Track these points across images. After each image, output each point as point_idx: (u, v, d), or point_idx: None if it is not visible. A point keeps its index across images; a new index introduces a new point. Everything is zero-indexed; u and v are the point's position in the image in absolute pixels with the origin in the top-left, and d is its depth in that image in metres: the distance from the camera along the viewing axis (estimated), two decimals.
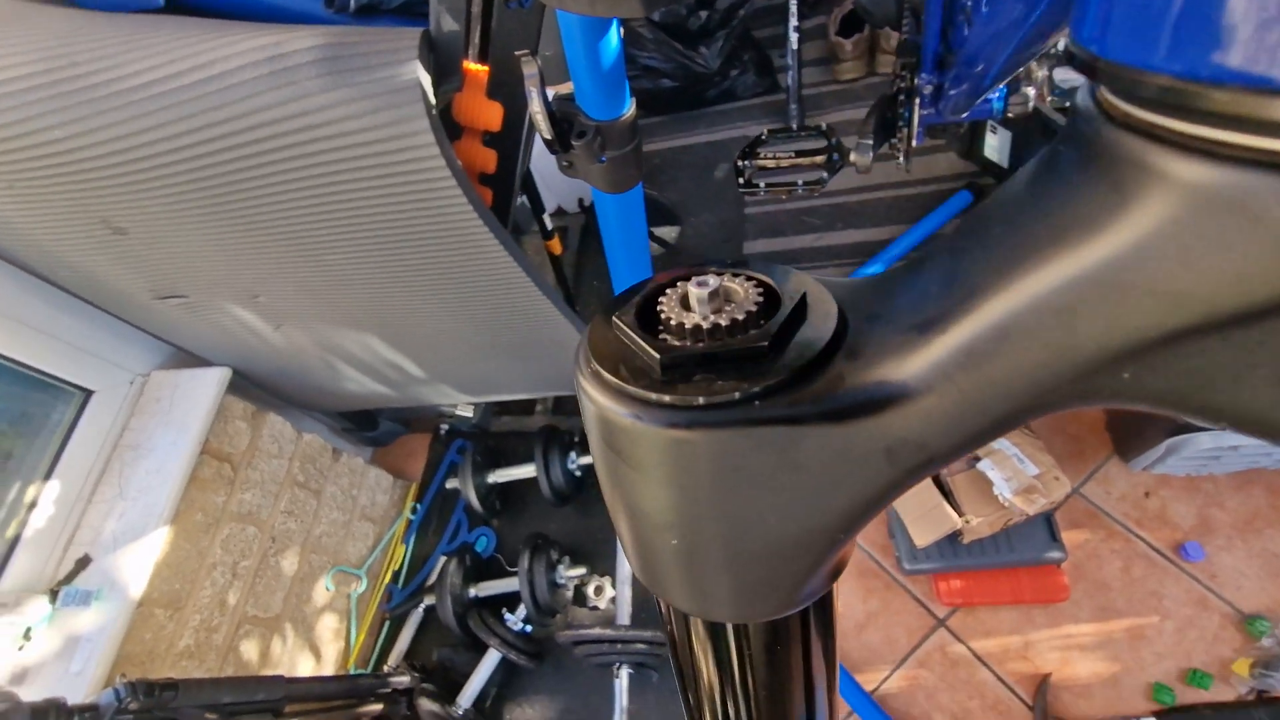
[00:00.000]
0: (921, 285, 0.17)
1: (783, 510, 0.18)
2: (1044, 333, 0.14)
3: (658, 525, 0.19)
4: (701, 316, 0.18)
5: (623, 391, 0.17)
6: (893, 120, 0.86)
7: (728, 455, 0.17)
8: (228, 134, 0.73)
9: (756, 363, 0.17)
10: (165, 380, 1.33)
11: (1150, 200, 0.12)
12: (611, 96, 0.66)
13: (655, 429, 0.17)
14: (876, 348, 0.17)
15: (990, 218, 0.16)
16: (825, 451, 0.16)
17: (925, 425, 0.16)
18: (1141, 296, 0.12)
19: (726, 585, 0.20)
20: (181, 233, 0.89)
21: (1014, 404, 0.15)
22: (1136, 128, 0.12)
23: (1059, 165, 0.15)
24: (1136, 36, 0.12)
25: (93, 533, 1.20)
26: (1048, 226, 0.14)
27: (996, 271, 0.15)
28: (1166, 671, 1.14)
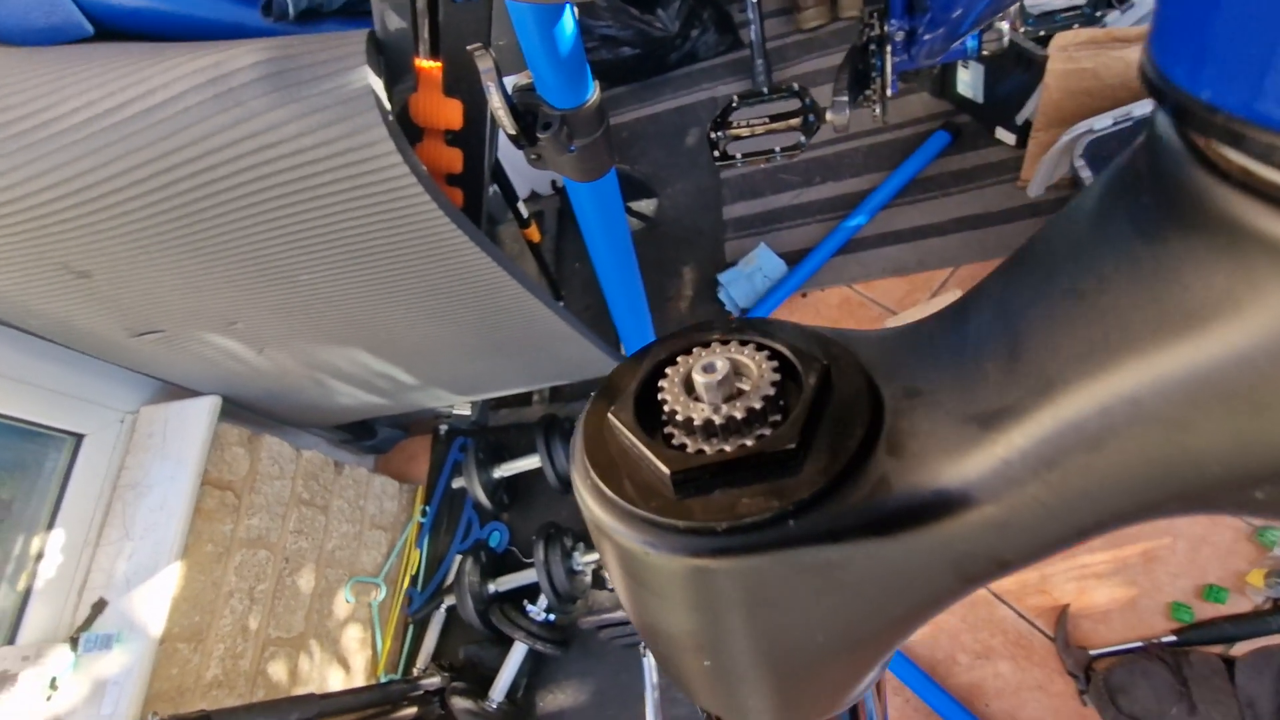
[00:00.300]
0: (972, 357, 0.14)
1: (831, 628, 0.15)
2: (1147, 447, 0.11)
3: (687, 647, 0.17)
4: (711, 407, 0.15)
5: (632, 514, 0.15)
6: (865, 71, 0.84)
7: (762, 581, 0.14)
8: (178, 164, 0.70)
9: (783, 466, 0.14)
10: (155, 415, 1.30)
11: None
12: (573, 83, 0.63)
13: (672, 557, 0.14)
14: (925, 441, 0.14)
15: (1050, 275, 0.13)
16: (879, 568, 0.14)
17: (997, 537, 0.13)
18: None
19: (769, 701, 0.18)
20: (147, 269, 0.86)
21: (1107, 515, 0.12)
22: (1264, 192, 0.09)
23: (1145, 225, 0.11)
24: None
25: (105, 576, 1.19)
26: (1142, 311, 0.11)
27: (1079, 360, 0.12)
28: (1183, 590, 1.15)
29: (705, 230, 1.85)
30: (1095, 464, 0.12)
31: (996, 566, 0.14)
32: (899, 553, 0.14)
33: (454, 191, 0.85)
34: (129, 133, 0.69)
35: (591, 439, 0.17)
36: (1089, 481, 0.12)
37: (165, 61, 0.68)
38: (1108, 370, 0.11)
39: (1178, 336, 0.10)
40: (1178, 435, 0.11)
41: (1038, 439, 0.12)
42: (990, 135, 1.63)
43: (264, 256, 0.83)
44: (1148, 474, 0.11)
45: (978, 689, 1.20)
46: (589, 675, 1.50)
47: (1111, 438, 0.11)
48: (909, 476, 0.14)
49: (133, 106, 0.68)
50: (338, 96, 0.65)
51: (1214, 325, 0.10)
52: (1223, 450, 0.11)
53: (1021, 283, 0.14)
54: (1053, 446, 0.12)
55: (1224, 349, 0.10)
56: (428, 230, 0.78)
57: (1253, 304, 0.10)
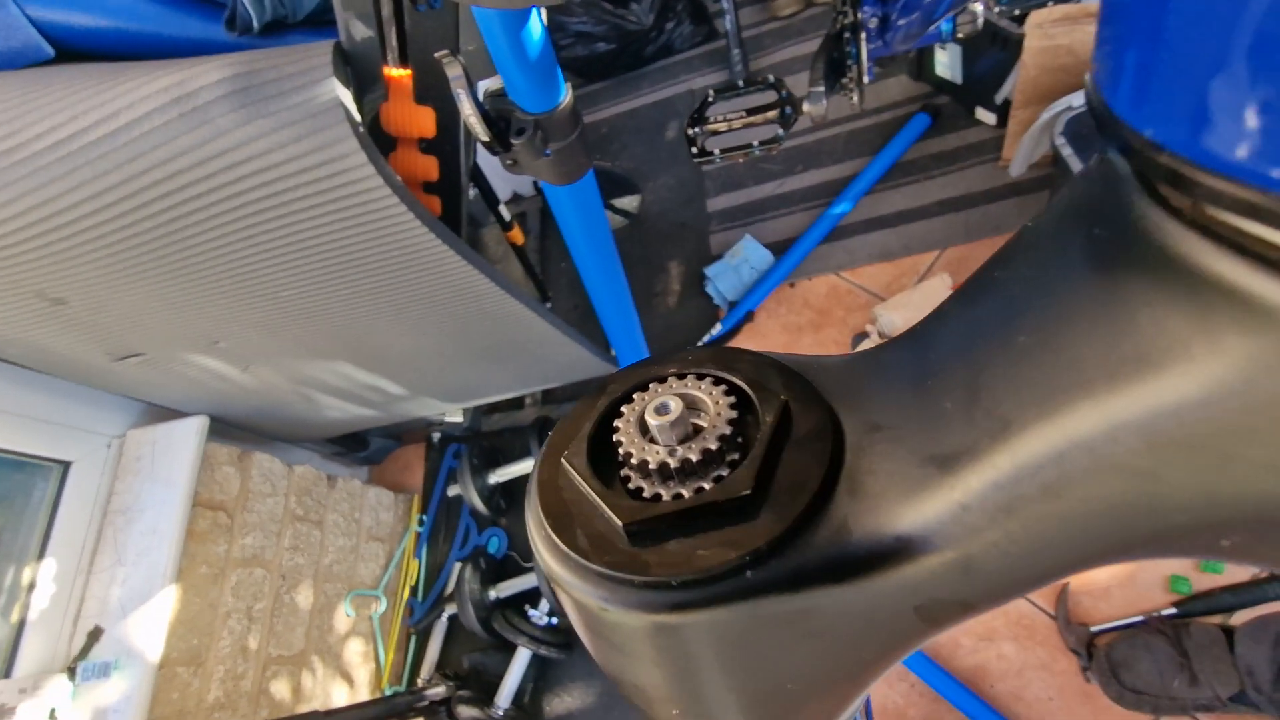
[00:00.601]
0: (933, 393, 0.13)
1: (800, 675, 0.15)
2: (1109, 494, 0.11)
3: (654, 699, 0.16)
4: (666, 449, 0.15)
5: (586, 569, 0.14)
6: (840, 60, 0.83)
7: (722, 636, 0.14)
8: (147, 186, 0.68)
9: (741, 513, 0.14)
10: (142, 439, 1.29)
11: (1253, 341, 0.08)
12: (545, 87, 0.62)
13: (629, 613, 0.14)
14: (886, 481, 0.13)
15: (1013, 313, 0.12)
16: (842, 615, 0.13)
17: (959, 582, 0.13)
18: (1253, 470, 0.09)
19: None
20: (123, 293, 0.85)
21: (1070, 561, 0.12)
22: (1218, 234, 0.09)
23: (1101, 262, 0.11)
24: (1249, 140, 0.08)
25: (99, 604, 1.18)
26: (1097, 355, 0.10)
27: (1036, 404, 0.11)
28: (1181, 562, 1.16)
29: (690, 224, 1.84)
30: (1055, 511, 0.11)
31: (961, 609, 0.14)
32: (861, 599, 0.13)
33: (431, 200, 0.84)
34: (95, 156, 0.67)
35: (545, 486, 0.16)
36: (1049, 529, 0.12)
37: (128, 82, 0.67)
38: (1062, 414, 0.11)
39: (1131, 382, 0.10)
40: (1141, 484, 0.10)
41: (994, 484, 0.12)
42: (970, 116, 1.63)
43: (243, 275, 0.82)
44: (1110, 523, 0.11)
45: (982, 671, 1.21)
46: (595, 677, 1.50)
47: (1070, 485, 0.11)
48: (869, 520, 0.13)
49: (97, 130, 0.66)
50: (306, 110, 0.64)
51: (1169, 372, 0.09)
52: (1188, 500, 0.10)
53: (981, 315, 0.13)
54: (1009, 493, 0.12)
55: (1179, 397, 0.09)
56: (407, 240, 0.77)
57: (1209, 352, 0.09)
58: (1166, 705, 1.03)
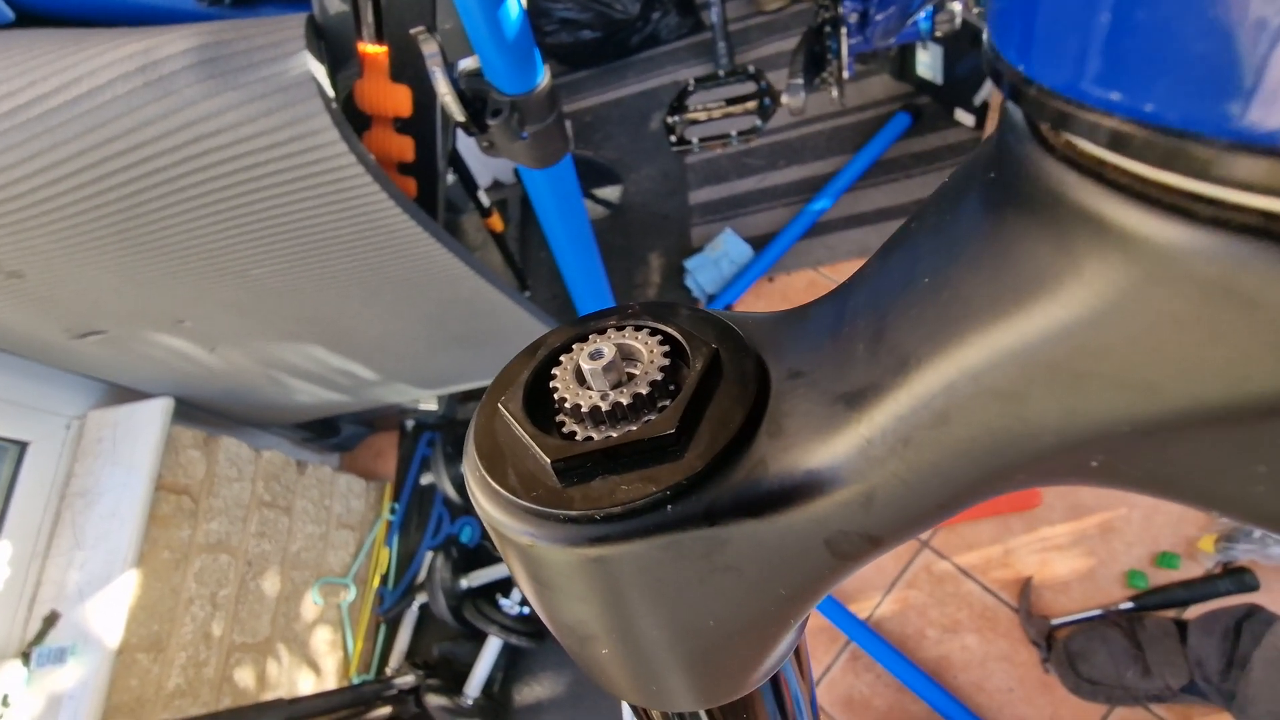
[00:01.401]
0: (846, 337, 0.14)
1: (722, 611, 0.16)
2: (989, 418, 0.11)
3: (582, 637, 0.17)
4: (599, 395, 0.15)
5: (514, 504, 0.15)
6: (821, 53, 0.83)
7: (646, 567, 0.14)
8: (109, 156, 0.66)
9: (665, 451, 0.14)
10: (104, 420, 1.26)
11: (1109, 268, 0.09)
12: (522, 68, 0.61)
13: (555, 548, 0.14)
14: (801, 422, 0.14)
15: (914, 256, 0.13)
16: (758, 549, 0.14)
17: (864, 515, 0.13)
18: (1105, 385, 0.10)
19: (675, 684, 0.18)
20: (83, 268, 0.82)
21: (963, 489, 0.13)
22: (1085, 166, 0.10)
23: (990, 200, 0.12)
24: (1091, 64, 0.09)
25: (56, 588, 1.15)
26: (983, 286, 0.11)
27: (930, 338, 0.12)
28: (1138, 558, 1.19)
29: (671, 216, 1.84)
30: (943, 438, 0.12)
31: (868, 544, 0.14)
32: (774, 533, 0.14)
33: (406, 181, 0.82)
34: (54, 124, 0.65)
35: (481, 431, 0.17)
36: (940, 456, 0.12)
37: (92, 49, 0.64)
38: (952, 347, 0.12)
39: (1009, 312, 0.11)
40: (1013, 407, 0.11)
41: (895, 416, 0.13)
42: (950, 117, 1.64)
43: (209, 251, 0.80)
44: (991, 446, 0.12)
45: (946, 662, 1.23)
46: (565, 666, 1.50)
47: (956, 412, 0.12)
48: (784, 458, 0.14)
49: (58, 96, 0.64)
50: (277, 84, 0.63)
51: (1039, 299, 0.10)
52: (1053, 420, 0.11)
53: (891, 264, 0.14)
54: (907, 424, 0.12)
55: (1046, 321, 0.10)
56: (380, 221, 0.75)
57: (1071, 276, 0.10)
58: (1120, 695, 1.06)
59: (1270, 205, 0.08)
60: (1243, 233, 0.08)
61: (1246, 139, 0.07)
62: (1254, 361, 0.09)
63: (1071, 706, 1.13)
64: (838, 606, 1.29)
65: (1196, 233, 0.08)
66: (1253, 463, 0.10)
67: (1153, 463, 0.11)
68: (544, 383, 0.17)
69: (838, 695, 1.26)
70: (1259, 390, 0.09)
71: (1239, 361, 0.09)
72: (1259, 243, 0.08)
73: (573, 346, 0.17)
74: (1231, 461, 0.10)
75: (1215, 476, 0.11)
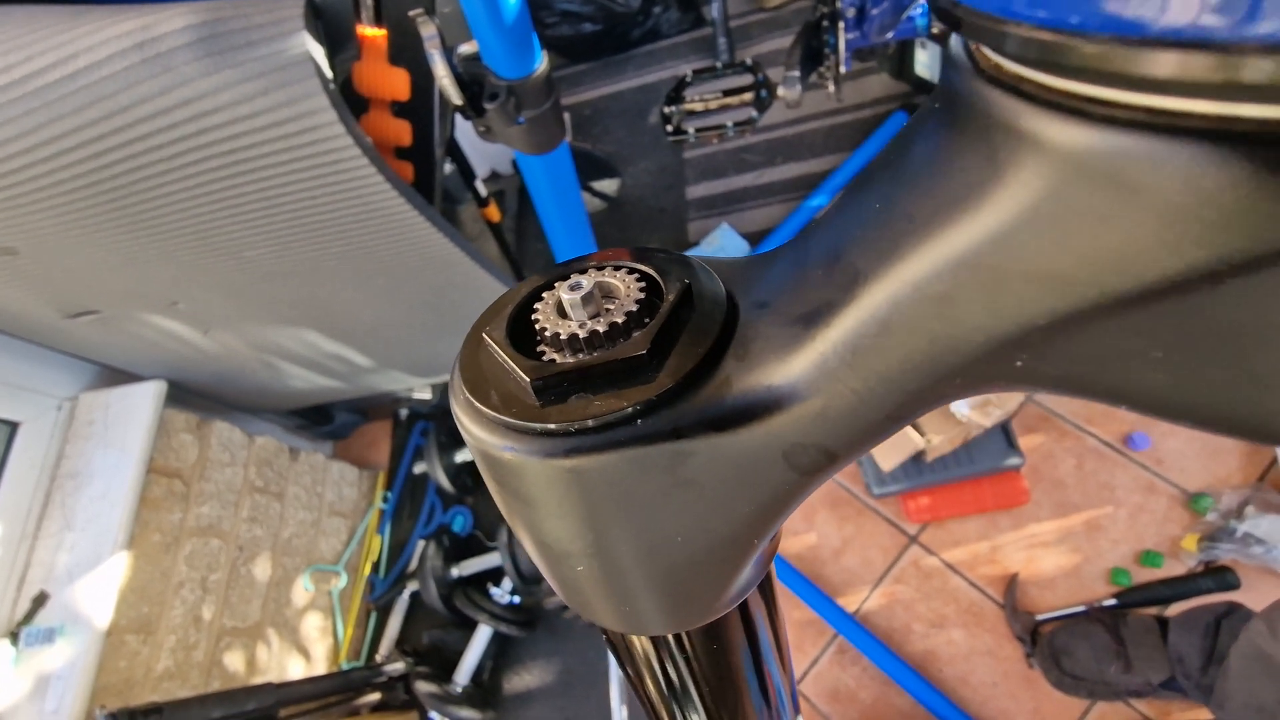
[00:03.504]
0: (808, 264, 0.15)
1: (688, 527, 0.17)
2: (927, 323, 0.12)
3: (560, 555, 0.18)
4: (578, 324, 0.16)
5: (495, 421, 0.16)
6: (818, 48, 0.84)
7: (617, 480, 0.15)
8: (105, 134, 0.66)
9: (638, 372, 0.15)
10: (96, 401, 1.25)
11: (1023, 171, 0.10)
12: (520, 52, 0.61)
13: (532, 460, 0.15)
14: (764, 344, 0.15)
15: (870, 185, 0.14)
16: (719, 464, 0.15)
17: (820, 427, 0.15)
18: (1021, 281, 0.11)
19: (648, 604, 0.19)
20: (77, 246, 0.82)
21: (908, 399, 0.14)
22: (1006, 83, 0.11)
23: (932, 126, 0.13)
24: None
25: (45, 569, 1.15)
26: (923, 202, 0.12)
27: (876, 255, 0.13)
28: (1122, 556, 1.21)
29: (668, 210, 1.84)
30: (888, 346, 0.13)
31: (824, 457, 0.15)
32: (735, 447, 0.15)
33: (403, 166, 0.83)
34: (51, 99, 0.65)
35: (466, 359, 0.18)
36: (886, 364, 0.13)
37: (89, 24, 0.64)
38: (896, 260, 0.13)
39: (943, 223, 0.12)
40: (946, 310, 0.12)
41: (845, 330, 0.14)
42: None
43: (204, 232, 0.80)
44: (929, 351, 0.13)
45: (932, 656, 1.24)
46: (555, 655, 1.50)
47: (898, 320, 0.13)
48: (748, 378, 0.15)
49: (54, 72, 0.64)
50: (275, 63, 0.63)
51: (967, 208, 0.11)
52: (980, 320, 0.12)
53: (849, 200, 0.15)
54: (856, 335, 0.14)
55: (974, 227, 0.11)
56: (375, 204, 0.76)
57: (994, 184, 0.11)
58: (1102, 690, 1.07)
59: (1148, 101, 0.09)
60: (1128, 128, 0.09)
61: (1119, 33, 0.08)
62: (1141, 246, 0.10)
63: (1054, 701, 1.15)
64: (825, 600, 1.30)
65: (1091, 131, 0.09)
66: (1150, 348, 0.11)
67: (1067, 359, 0.12)
68: (527, 317, 0.17)
69: (824, 687, 1.27)
70: (1147, 273, 0.10)
71: (1129, 247, 0.10)
72: (1141, 135, 0.09)
73: (555, 284, 0.18)
74: (1132, 351, 0.11)
75: (1120, 369, 0.11)
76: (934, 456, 1.27)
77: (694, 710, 0.24)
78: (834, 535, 1.37)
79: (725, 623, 0.21)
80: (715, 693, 0.23)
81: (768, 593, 0.23)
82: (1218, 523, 1.14)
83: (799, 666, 1.30)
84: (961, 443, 1.26)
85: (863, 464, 1.35)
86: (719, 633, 0.22)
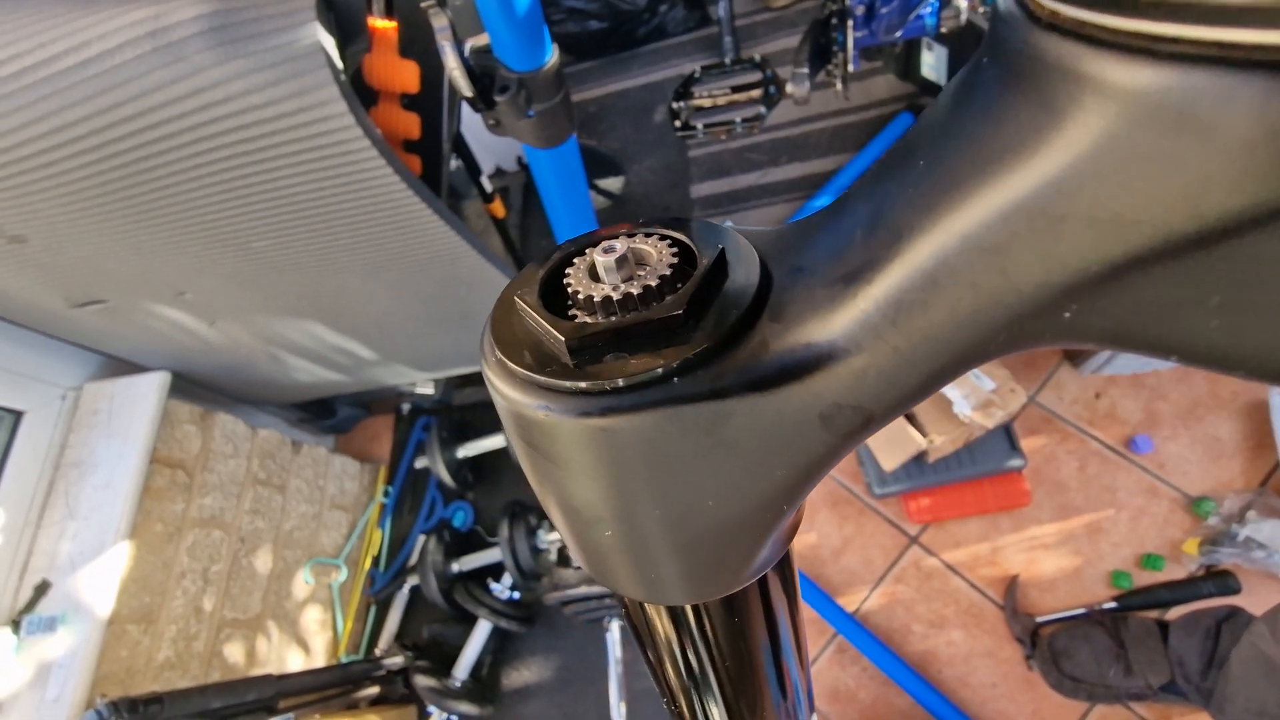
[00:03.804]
0: (846, 229, 0.15)
1: (720, 491, 0.16)
2: (975, 276, 0.12)
3: (588, 519, 0.18)
4: (611, 287, 0.16)
5: (530, 380, 0.16)
6: (826, 46, 0.84)
7: (651, 441, 0.15)
8: (116, 122, 0.66)
9: (673, 334, 0.15)
10: (100, 391, 1.26)
11: (1084, 114, 0.10)
12: (531, 45, 0.61)
13: (567, 419, 0.15)
14: (801, 305, 0.15)
15: (913, 148, 0.14)
16: (756, 424, 0.15)
17: (859, 386, 0.14)
18: (1079, 226, 0.11)
19: (672, 571, 0.19)
20: (86, 234, 0.82)
21: (951, 356, 0.14)
22: (1064, 28, 0.11)
23: (982, 81, 0.13)
24: None
25: (47, 558, 1.15)
26: (972, 154, 0.12)
27: (922, 210, 0.13)
28: (1123, 559, 1.21)
29: (672, 208, 1.84)
30: (932, 300, 0.13)
31: (861, 419, 0.15)
32: (773, 408, 0.15)
33: (412, 159, 0.83)
34: (62, 87, 0.65)
35: (498, 322, 0.17)
36: (930, 320, 0.13)
37: (101, 12, 0.65)
38: (942, 212, 0.13)
39: (995, 172, 0.12)
40: (996, 260, 0.12)
41: (890, 287, 0.13)
42: None
43: (212, 222, 0.80)
44: (975, 305, 0.13)
45: (931, 656, 1.24)
46: (554, 651, 1.51)
47: (945, 273, 0.13)
48: (786, 338, 0.15)
49: (65, 60, 0.64)
50: (286, 53, 0.63)
51: (1021, 155, 0.11)
52: (1033, 268, 0.12)
53: (890, 161, 0.15)
54: (900, 290, 0.13)
55: (1029, 174, 0.11)
56: (383, 196, 0.76)
57: (1051, 129, 0.11)
58: (1102, 693, 1.07)
59: (1219, 35, 0.09)
60: (1198, 64, 0.09)
61: None
62: (1208, 185, 0.09)
63: (1053, 703, 1.15)
64: (826, 599, 1.30)
65: (1159, 70, 0.09)
66: (1209, 295, 0.11)
67: (1119, 309, 0.12)
68: (558, 283, 0.17)
69: (824, 687, 1.27)
70: (1213, 211, 0.10)
71: (1195, 187, 0.10)
72: (1211, 71, 0.09)
73: (586, 250, 0.18)
74: (1188, 298, 0.11)
75: (1174, 318, 0.11)
76: (936, 457, 1.27)
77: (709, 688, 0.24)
78: (835, 535, 1.37)
79: (745, 600, 0.21)
80: (731, 671, 0.23)
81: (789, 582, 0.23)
82: (1219, 527, 1.15)
83: None
84: (963, 444, 1.26)
85: (864, 464, 1.35)
86: (738, 609, 0.22)
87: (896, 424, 1.25)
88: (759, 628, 0.23)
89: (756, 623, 0.22)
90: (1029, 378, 1.36)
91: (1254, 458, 1.21)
